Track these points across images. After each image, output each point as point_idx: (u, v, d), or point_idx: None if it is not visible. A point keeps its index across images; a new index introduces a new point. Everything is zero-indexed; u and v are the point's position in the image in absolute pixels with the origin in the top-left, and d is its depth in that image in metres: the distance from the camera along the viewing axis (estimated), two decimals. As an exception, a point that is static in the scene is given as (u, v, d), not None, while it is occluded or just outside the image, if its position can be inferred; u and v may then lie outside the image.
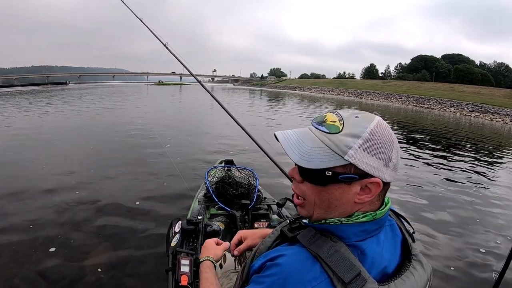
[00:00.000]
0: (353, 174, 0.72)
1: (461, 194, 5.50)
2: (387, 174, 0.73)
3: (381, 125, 0.73)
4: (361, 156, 0.71)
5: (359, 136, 0.71)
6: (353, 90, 68.54)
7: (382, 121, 0.75)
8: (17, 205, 3.86)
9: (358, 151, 0.70)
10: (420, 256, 0.83)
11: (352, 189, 0.73)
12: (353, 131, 0.72)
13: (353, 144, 0.71)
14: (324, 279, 0.68)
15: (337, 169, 0.72)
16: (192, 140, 8.55)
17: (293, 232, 0.81)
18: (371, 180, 0.72)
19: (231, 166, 2.93)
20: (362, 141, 0.71)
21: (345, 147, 0.71)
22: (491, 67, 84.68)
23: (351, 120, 0.74)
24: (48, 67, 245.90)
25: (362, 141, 0.71)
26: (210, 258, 1.25)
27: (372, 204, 0.77)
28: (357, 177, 0.72)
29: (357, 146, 0.71)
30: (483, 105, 39.37)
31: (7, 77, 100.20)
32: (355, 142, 0.71)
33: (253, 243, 1.23)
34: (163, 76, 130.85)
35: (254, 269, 0.80)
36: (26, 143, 7.30)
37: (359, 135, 0.71)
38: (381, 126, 0.73)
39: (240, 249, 1.25)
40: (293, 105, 28.66)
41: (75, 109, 15.33)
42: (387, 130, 0.74)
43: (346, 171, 0.72)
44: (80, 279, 2.58)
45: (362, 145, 0.71)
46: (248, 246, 1.25)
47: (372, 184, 0.72)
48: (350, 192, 0.74)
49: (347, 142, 0.71)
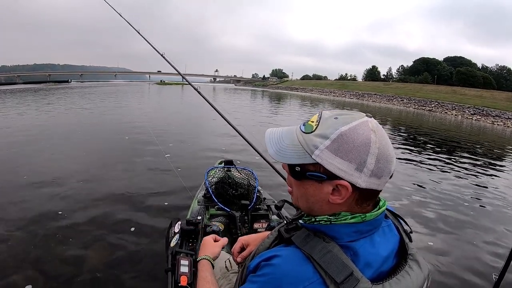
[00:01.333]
0: (322, 173, 0.74)
1: (461, 194, 5.51)
2: (360, 179, 0.72)
3: (359, 128, 0.72)
4: (327, 157, 0.72)
5: (327, 137, 0.73)
6: (355, 92, 68.77)
7: (367, 124, 0.73)
8: (15, 202, 3.86)
9: (324, 151, 0.72)
10: (417, 256, 0.83)
11: (324, 188, 0.75)
12: (323, 132, 0.74)
13: (319, 145, 0.73)
14: (316, 279, 0.69)
15: (308, 167, 0.76)
16: (192, 141, 8.53)
17: (289, 233, 0.82)
18: (339, 182, 0.73)
19: (231, 167, 2.92)
20: (330, 142, 0.72)
21: (312, 146, 0.74)
22: (493, 70, 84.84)
23: (328, 121, 0.75)
24: (51, 65, 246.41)
25: (329, 142, 0.72)
26: (207, 257, 1.26)
27: (360, 209, 0.78)
28: (325, 177, 0.74)
29: (324, 147, 0.72)
30: (485, 108, 39.32)
31: (9, 75, 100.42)
32: (322, 142, 0.73)
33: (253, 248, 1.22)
34: (165, 75, 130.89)
35: (250, 269, 0.81)
36: (24, 142, 7.30)
37: (327, 136, 0.73)
38: (359, 129, 0.72)
39: (243, 255, 1.26)
40: (294, 107, 28.65)
41: (77, 108, 15.36)
42: (366, 133, 0.72)
43: (316, 170, 0.75)
44: (77, 277, 2.58)
45: (329, 146, 0.72)
46: (250, 252, 1.24)
47: (341, 187, 0.73)
48: (322, 191, 0.76)
49: (315, 142, 0.74)
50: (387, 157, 0.73)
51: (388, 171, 0.75)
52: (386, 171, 0.74)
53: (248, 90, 74.43)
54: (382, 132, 0.75)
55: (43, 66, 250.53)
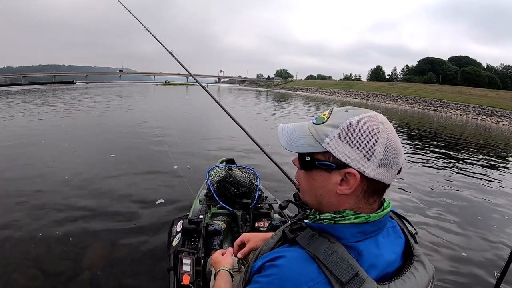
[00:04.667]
0: (331, 162, 0.76)
1: (463, 194, 5.52)
2: (368, 168, 0.73)
3: (369, 119, 0.75)
4: (337, 145, 0.74)
5: (338, 126, 0.75)
6: (360, 92, 68.44)
7: (376, 117, 0.76)
8: (17, 202, 3.89)
9: (334, 139, 0.75)
10: (423, 257, 0.83)
11: (333, 177, 0.76)
12: (334, 122, 0.77)
13: (330, 133, 0.75)
14: (321, 280, 0.69)
15: (317, 156, 0.78)
16: (194, 140, 8.61)
17: (293, 233, 0.82)
18: (348, 171, 0.74)
19: (232, 165, 2.93)
20: (340, 131, 0.74)
21: (323, 135, 0.76)
22: (498, 70, 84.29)
23: (338, 113, 0.78)
24: (56, 66, 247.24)
25: (339, 130, 0.74)
26: (226, 268, 1.28)
27: (367, 206, 0.78)
28: (334, 166, 0.75)
29: (334, 135, 0.75)
30: (490, 108, 39.07)
31: (15, 76, 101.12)
32: (332, 131, 0.75)
33: (255, 245, 1.27)
34: (170, 76, 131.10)
35: (254, 269, 0.81)
36: (25, 144, 7.36)
37: (338, 125, 0.75)
38: (368, 120, 0.74)
39: (243, 251, 1.29)
40: (299, 107, 28.61)
41: (83, 109, 15.45)
42: (375, 124, 0.74)
43: (325, 159, 0.77)
44: (77, 275, 2.60)
45: (339, 134, 0.74)
46: (250, 249, 1.30)
47: (349, 175, 0.74)
48: (330, 181, 0.77)
49: (326, 131, 0.76)
50: (395, 149, 0.75)
51: (396, 164, 0.76)
52: (395, 163, 0.75)
53: (252, 90, 74.46)
54: (390, 126, 0.76)
55: (48, 67, 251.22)
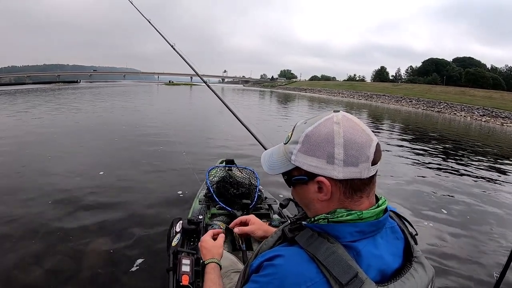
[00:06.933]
0: (303, 175, 0.80)
1: (463, 194, 5.49)
2: (335, 172, 0.75)
3: (322, 125, 0.77)
4: (301, 158, 0.79)
5: (297, 141, 0.80)
6: (363, 92, 68.27)
7: (331, 119, 0.78)
8: (19, 200, 3.92)
9: (298, 154, 0.80)
10: (422, 258, 0.83)
11: (310, 188, 0.80)
12: (294, 138, 0.82)
13: (293, 150, 0.81)
14: (319, 280, 0.69)
15: (293, 172, 0.84)
16: (196, 140, 8.64)
17: (293, 233, 0.82)
18: (318, 179, 0.77)
19: (232, 166, 2.92)
20: (300, 145, 0.79)
21: (289, 153, 0.82)
22: (503, 71, 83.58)
23: (298, 128, 0.83)
24: (60, 65, 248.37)
25: (300, 145, 0.79)
26: (215, 260, 1.28)
27: (353, 203, 0.78)
28: (306, 178, 0.80)
29: (296, 151, 0.80)
30: (494, 109, 38.83)
31: (19, 75, 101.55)
32: (294, 147, 0.81)
33: (255, 231, 1.43)
34: (174, 76, 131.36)
35: (252, 268, 0.81)
36: (33, 142, 7.41)
37: (297, 141, 0.80)
38: (321, 126, 0.77)
39: (242, 229, 1.44)
40: (303, 107, 28.56)
41: (88, 110, 15.47)
42: (329, 128, 0.76)
43: (298, 174, 0.82)
44: (77, 274, 2.60)
45: (300, 148, 0.79)
46: (249, 231, 1.44)
47: (321, 183, 0.77)
48: (310, 191, 0.81)
49: (290, 148, 0.82)
50: (357, 144, 0.75)
51: (365, 157, 0.75)
52: (362, 158, 0.75)
53: (256, 90, 74.57)
54: (348, 122, 0.77)
55: (52, 67, 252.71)
